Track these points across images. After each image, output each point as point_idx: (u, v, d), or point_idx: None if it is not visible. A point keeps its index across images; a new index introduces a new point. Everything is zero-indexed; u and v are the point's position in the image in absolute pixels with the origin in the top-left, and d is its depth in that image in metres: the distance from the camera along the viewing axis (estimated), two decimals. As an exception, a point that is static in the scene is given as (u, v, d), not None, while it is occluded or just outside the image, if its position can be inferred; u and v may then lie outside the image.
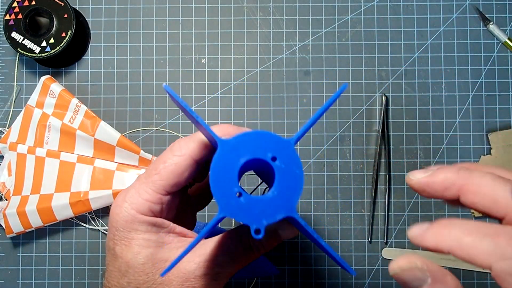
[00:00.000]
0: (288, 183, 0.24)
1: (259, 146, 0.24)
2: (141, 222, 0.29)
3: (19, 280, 0.52)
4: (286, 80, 0.53)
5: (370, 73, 0.53)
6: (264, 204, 0.24)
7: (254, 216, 0.24)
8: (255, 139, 0.24)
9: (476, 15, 0.53)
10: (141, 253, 0.29)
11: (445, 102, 0.52)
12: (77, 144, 0.51)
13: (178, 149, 0.29)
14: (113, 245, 0.30)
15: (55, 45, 0.50)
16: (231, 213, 0.24)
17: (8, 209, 0.49)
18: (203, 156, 0.29)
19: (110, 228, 0.30)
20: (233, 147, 0.24)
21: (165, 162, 0.29)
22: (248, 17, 0.53)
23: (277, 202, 0.24)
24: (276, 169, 0.24)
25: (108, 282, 0.30)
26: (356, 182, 0.52)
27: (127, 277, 0.29)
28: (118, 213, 0.29)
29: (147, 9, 0.54)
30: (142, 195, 0.29)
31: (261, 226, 0.24)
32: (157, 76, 0.53)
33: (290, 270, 0.51)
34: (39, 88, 0.51)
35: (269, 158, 0.24)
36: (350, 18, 0.53)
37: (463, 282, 0.50)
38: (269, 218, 0.24)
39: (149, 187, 0.29)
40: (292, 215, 0.24)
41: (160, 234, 0.30)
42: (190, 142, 0.29)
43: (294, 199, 0.24)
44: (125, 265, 0.29)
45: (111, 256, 0.30)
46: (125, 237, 0.29)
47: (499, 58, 0.52)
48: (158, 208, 0.29)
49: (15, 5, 0.50)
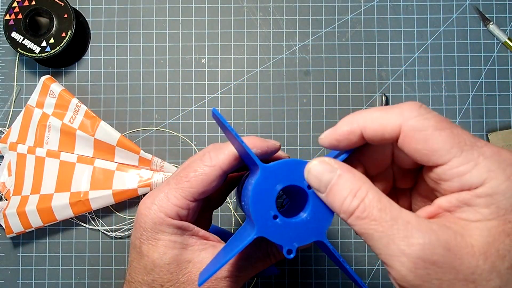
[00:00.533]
0: (320, 210, 0.26)
1: (297, 173, 0.26)
2: (168, 225, 0.31)
3: (19, 280, 0.52)
4: (286, 80, 0.53)
5: (370, 73, 0.53)
6: (298, 228, 0.26)
7: (287, 238, 0.26)
8: (293, 167, 0.26)
9: (476, 15, 0.53)
10: (167, 253, 0.31)
11: (445, 102, 0.52)
12: (77, 144, 0.51)
13: (209, 160, 0.31)
14: (140, 243, 0.31)
15: (55, 45, 0.50)
16: (268, 234, 0.26)
17: (8, 209, 0.49)
18: (232, 168, 0.31)
19: (137, 227, 0.32)
20: (273, 173, 0.26)
21: (196, 171, 0.31)
22: (248, 17, 0.53)
23: (309, 227, 0.26)
24: (311, 196, 0.26)
25: (131, 277, 0.32)
26: (356, 182, 0.52)
27: (152, 275, 0.31)
28: (147, 214, 0.31)
29: (147, 9, 0.54)
30: (171, 200, 0.31)
31: (293, 247, 0.26)
32: (157, 76, 0.53)
33: (290, 270, 0.51)
34: (39, 88, 0.52)
35: (305, 186, 0.26)
36: (350, 18, 0.53)
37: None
38: (301, 241, 0.26)
39: (178, 193, 0.31)
40: (323, 239, 0.26)
41: (184, 236, 0.31)
42: (221, 154, 0.31)
43: (325, 225, 0.27)
44: (151, 264, 0.31)
45: (137, 253, 0.32)
46: (152, 237, 0.31)
47: (499, 58, 0.52)
48: (185, 213, 0.31)
49: (15, 5, 0.50)
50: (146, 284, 0.31)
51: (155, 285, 0.31)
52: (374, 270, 0.51)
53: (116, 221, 0.52)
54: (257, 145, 0.31)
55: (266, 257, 0.32)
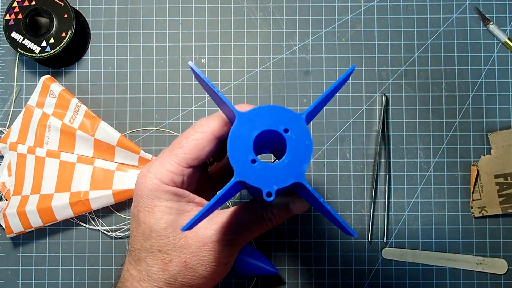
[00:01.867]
0: (298, 152, 0.27)
1: (273, 119, 0.27)
2: (164, 191, 0.32)
3: (19, 280, 0.52)
4: (286, 80, 0.53)
5: (370, 73, 0.53)
6: (276, 171, 0.27)
7: (266, 181, 0.26)
8: (269, 113, 0.27)
9: (476, 15, 0.53)
10: (163, 219, 0.31)
11: (445, 102, 0.52)
12: (77, 144, 0.51)
13: (200, 126, 0.32)
14: (137, 211, 0.32)
15: (55, 45, 0.50)
16: (246, 177, 0.26)
17: (8, 209, 0.49)
18: (223, 133, 0.32)
19: (134, 196, 0.33)
20: (249, 119, 0.27)
21: (188, 137, 0.32)
22: (248, 17, 0.53)
23: (288, 169, 0.27)
24: (288, 140, 0.27)
25: (131, 246, 0.33)
26: (356, 182, 0.52)
27: (150, 240, 0.32)
28: (142, 182, 0.32)
29: (147, 9, 0.54)
30: (165, 167, 0.32)
31: (272, 190, 0.26)
32: (157, 76, 0.53)
33: (290, 270, 0.51)
34: (39, 88, 0.51)
35: (281, 130, 0.27)
36: (350, 18, 0.53)
37: (463, 282, 0.50)
38: (280, 183, 0.27)
39: (172, 159, 0.32)
40: (301, 180, 0.27)
41: (180, 203, 0.32)
42: (212, 120, 0.32)
43: (304, 166, 0.27)
44: (148, 230, 0.32)
45: (135, 222, 0.33)
46: (149, 204, 0.32)
47: (499, 58, 0.52)
48: (179, 180, 0.32)
49: (15, 5, 0.50)
50: (144, 250, 0.32)
51: (153, 250, 0.32)
52: (374, 270, 0.51)
53: (116, 221, 0.52)
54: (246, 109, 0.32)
55: (262, 220, 0.33)
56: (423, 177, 0.52)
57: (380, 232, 0.51)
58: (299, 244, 0.51)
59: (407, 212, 0.51)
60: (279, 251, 0.51)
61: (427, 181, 0.51)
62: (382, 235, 0.51)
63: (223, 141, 0.33)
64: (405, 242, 0.51)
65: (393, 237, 0.51)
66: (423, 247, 0.51)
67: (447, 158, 0.52)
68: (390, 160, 0.52)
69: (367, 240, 0.51)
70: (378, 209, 0.51)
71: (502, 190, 0.50)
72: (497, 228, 0.51)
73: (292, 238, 0.51)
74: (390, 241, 0.51)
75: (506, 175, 0.51)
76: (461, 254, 0.51)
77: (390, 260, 0.51)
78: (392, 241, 0.51)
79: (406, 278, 0.51)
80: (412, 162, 0.52)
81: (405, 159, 0.52)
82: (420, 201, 0.51)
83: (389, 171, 0.51)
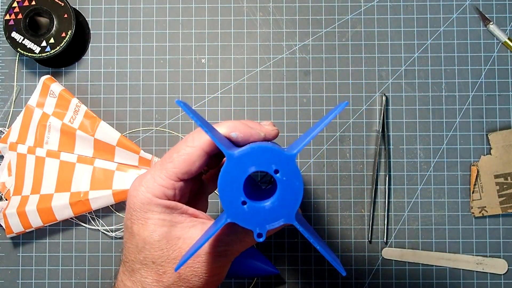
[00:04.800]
0: (288, 194, 0.27)
1: (263, 160, 0.27)
2: (156, 205, 0.32)
3: (19, 280, 0.52)
4: (286, 80, 0.53)
5: (370, 73, 0.53)
6: (266, 212, 0.27)
7: (256, 222, 0.27)
8: (259, 153, 0.27)
9: (476, 15, 0.53)
10: (156, 231, 0.32)
11: (445, 102, 0.52)
12: (77, 144, 0.51)
13: (191, 141, 0.32)
14: (131, 224, 0.32)
15: (55, 45, 0.50)
16: (237, 219, 0.27)
17: (8, 209, 0.49)
18: (214, 149, 0.32)
19: (127, 209, 0.33)
20: (239, 160, 0.27)
21: (178, 151, 0.32)
22: (248, 17, 0.53)
23: (278, 211, 0.27)
24: (278, 181, 0.27)
25: (125, 257, 0.34)
26: (356, 182, 0.52)
27: (144, 252, 0.32)
28: (135, 195, 0.32)
29: (147, 9, 0.54)
30: (156, 181, 0.32)
31: (263, 231, 0.27)
32: (157, 76, 0.53)
33: (290, 270, 0.51)
34: (39, 88, 0.51)
35: (272, 171, 0.27)
36: (350, 18, 0.53)
37: (463, 282, 0.50)
38: (271, 225, 0.27)
39: (163, 173, 0.32)
40: (291, 222, 0.27)
41: (173, 215, 0.32)
42: (203, 135, 0.32)
43: (294, 208, 0.27)
44: (142, 242, 0.32)
45: (129, 234, 0.33)
46: (142, 217, 0.32)
47: (499, 58, 0.52)
48: (171, 193, 0.32)
49: (15, 5, 0.50)
50: (138, 262, 0.32)
51: (147, 262, 0.32)
52: (374, 270, 0.51)
53: (116, 221, 0.52)
54: (238, 129, 0.32)
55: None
56: (423, 177, 0.52)
57: (380, 232, 0.51)
58: (299, 244, 0.51)
59: (407, 212, 0.51)
60: (279, 251, 0.51)
61: (427, 181, 0.51)
62: (382, 235, 0.51)
63: (215, 154, 0.33)
64: (405, 242, 0.51)
65: (393, 237, 0.51)
66: (423, 247, 0.51)
67: (447, 158, 0.52)
68: (390, 160, 0.52)
69: (367, 240, 0.51)
70: (378, 209, 0.51)
71: (502, 190, 0.50)
72: (497, 228, 0.51)
73: (292, 238, 0.51)
74: (390, 241, 0.51)
75: (506, 175, 0.51)
76: (461, 254, 0.51)
77: (390, 260, 0.51)
78: (392, 241, 0.51)
79: (406, 278, 0.51)
80: (412, 162, 0.52)
81: (405, 159, 0.52)
82: (420, 201, 0.51)
83: (389, 171, 0.51)
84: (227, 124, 0.33)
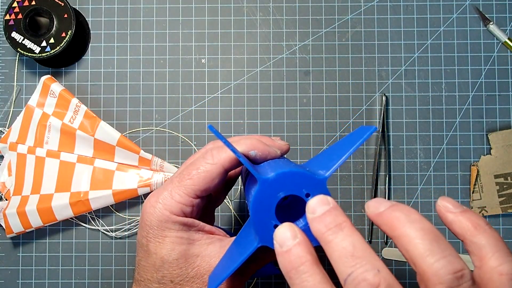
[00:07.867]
0: None
1: (295, 183, 0.27)
2: (174, 222, 0.31)
3: (19, 280, 0.52)
4: (286, 80, 0.53)
5: (370, 73, 0.53)
6: None
7: None
8: (291, 177, 0.27)
9: (476, 15, 0.53)
10: (175, 249, 0.31)
11: (445, 102, 0.52)
12: (77, 144, 0.51)
13: (210, 158, 0.32)
14: (147, 242, 0.32)
15: (55, 45, 0.50)
16: (270, 243, 0.27)
17: (8, 209, 0.49)
18: (233, 166, 0.32)
19: (143, 226, 0.32)
20: (271, 184, 0.27)
21: (198, 168, 0.32)
22: (248, 17, 0.53)
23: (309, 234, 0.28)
24: None
25: (140, 276, 0.33)
26: (356, 182, 0.52)
27: (162, 271, 0.31)
28: (152, 212, 0.32)
29: (147, 9, 0.54)
30: (175, 198, 0.31)
31: None
32: (157, 76, 0.53)
33: (290, 270, 0.51)
34: (39, 88, 0.52)
35: (303, 195, 0.27)
36: (350, 18, 0.53)
37: (463, 282, 0.50)
38: None
39: (181, 190, 0.31)
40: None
41: (190, 232, 0.32)
42: (223, 153, 0.32)
43: None
44: (160, 261, 0.31)
45: (144, 252, 0.32)
46: (159, 235, 0.31)
47: (499, 58, 0.52)
48: (189, 210, 0.32)
49: (15, 5, 0.50)
50: (155, 281, 0.32)
51: (165, 281, 0.31)
52: (374, 270, 0.51)
53: (116, 221, 0.52)
54: (257, 148, 0.32)
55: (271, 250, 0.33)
56: (423, 177, 0.52)
57: (380, 232, 0.51)
58: (299, 244, 0.51)
59: (407, 212, 0.51)
60: (279, 251, 0.51)
61: (427, 181, 0.51)
62: (382, 235, 0.51)
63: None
64: (405, 242, 0.51)
65: (393, 237, 0.51)
66: (423, 247, 0.51)
67: (447, 158, 0.52)
68: (390, 160, 0.52)
69: (367, 240, 0.51)
70: (378, 209, 0.51)
71: (502, 190, 0.50)
72: (497, 228, 0.51)
73: (292, 238, 0.51)
74: (390, 241, 0.51)
75: (506, 175, 0.51)
76: (461, 254, 0.51)
77: (390, 260, 0.51)
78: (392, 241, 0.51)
79: (406, 278, 0.51)
80: (412, 162, 0.52)
81: (405, 159, 0.52)
82: (420, 201, 0.51)
83: (389, 171, 0.51)
84: (245, 141, 0.32)
